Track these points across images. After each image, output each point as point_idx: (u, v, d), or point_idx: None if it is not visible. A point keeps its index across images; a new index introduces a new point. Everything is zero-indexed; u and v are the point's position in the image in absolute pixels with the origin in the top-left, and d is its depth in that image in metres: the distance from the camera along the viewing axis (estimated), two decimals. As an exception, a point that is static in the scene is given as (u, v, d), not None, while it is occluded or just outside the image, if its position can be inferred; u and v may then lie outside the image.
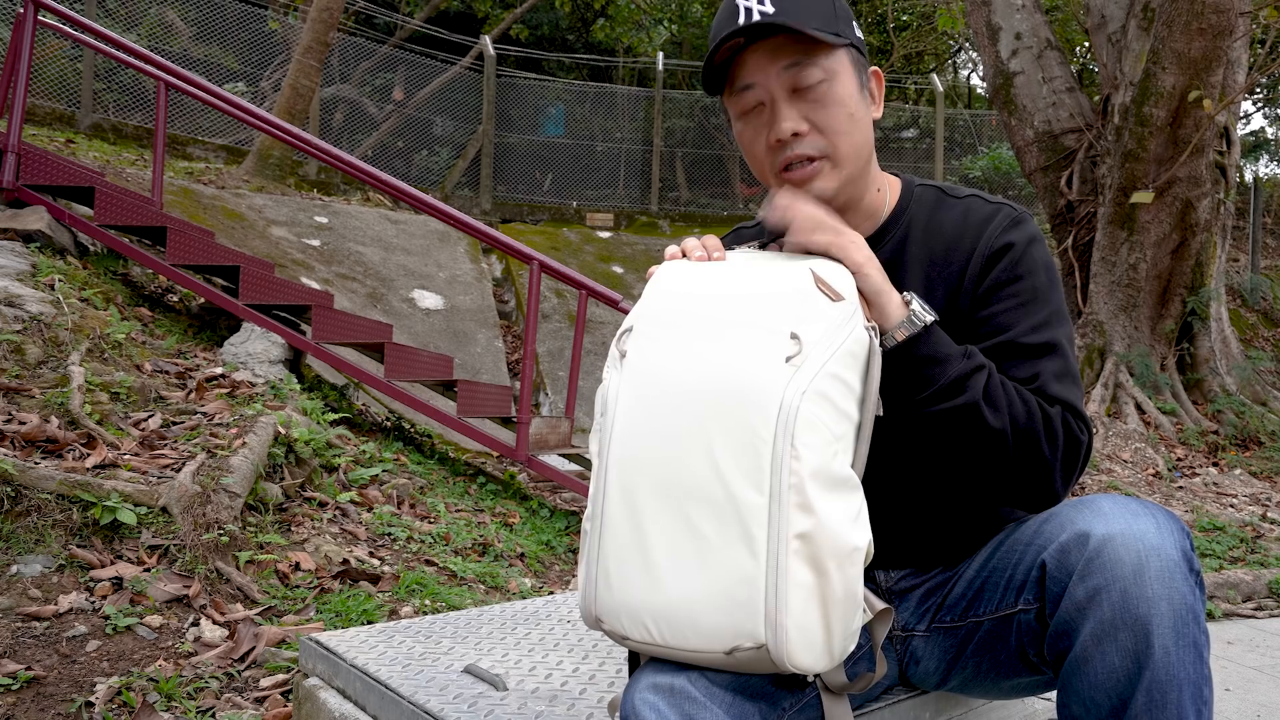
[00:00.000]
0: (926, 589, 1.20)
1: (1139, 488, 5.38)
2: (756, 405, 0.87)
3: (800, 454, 0.85)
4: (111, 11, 9.60)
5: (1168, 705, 0.87)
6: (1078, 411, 1.07)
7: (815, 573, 0.86)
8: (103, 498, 2.47)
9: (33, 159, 4.56)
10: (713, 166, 12.77)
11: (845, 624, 0.89)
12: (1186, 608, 0.88)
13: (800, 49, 1.06)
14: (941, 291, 1.14)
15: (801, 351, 0.89)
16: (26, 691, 1.93)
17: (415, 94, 11.45)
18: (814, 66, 1.07)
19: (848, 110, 1.09)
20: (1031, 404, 1.04)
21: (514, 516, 4.14)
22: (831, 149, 1.09)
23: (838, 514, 0.87)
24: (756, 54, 1.07)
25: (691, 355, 0.92)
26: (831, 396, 0.89)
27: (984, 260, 1.12)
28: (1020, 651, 1.05)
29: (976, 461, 1.04)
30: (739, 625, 0.86)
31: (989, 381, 1.03)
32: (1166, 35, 6.11)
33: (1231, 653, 3.15)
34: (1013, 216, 1.15)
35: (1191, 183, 6.71)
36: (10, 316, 3.37)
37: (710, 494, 0.88)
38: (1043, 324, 1.10)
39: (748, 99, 1.10)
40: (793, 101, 1.08)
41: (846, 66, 1.10)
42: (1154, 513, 0.93)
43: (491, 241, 4.87)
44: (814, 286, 0.94)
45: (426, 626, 1.63)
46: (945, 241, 1.16)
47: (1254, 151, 13.59)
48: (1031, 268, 1.12)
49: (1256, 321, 9.15)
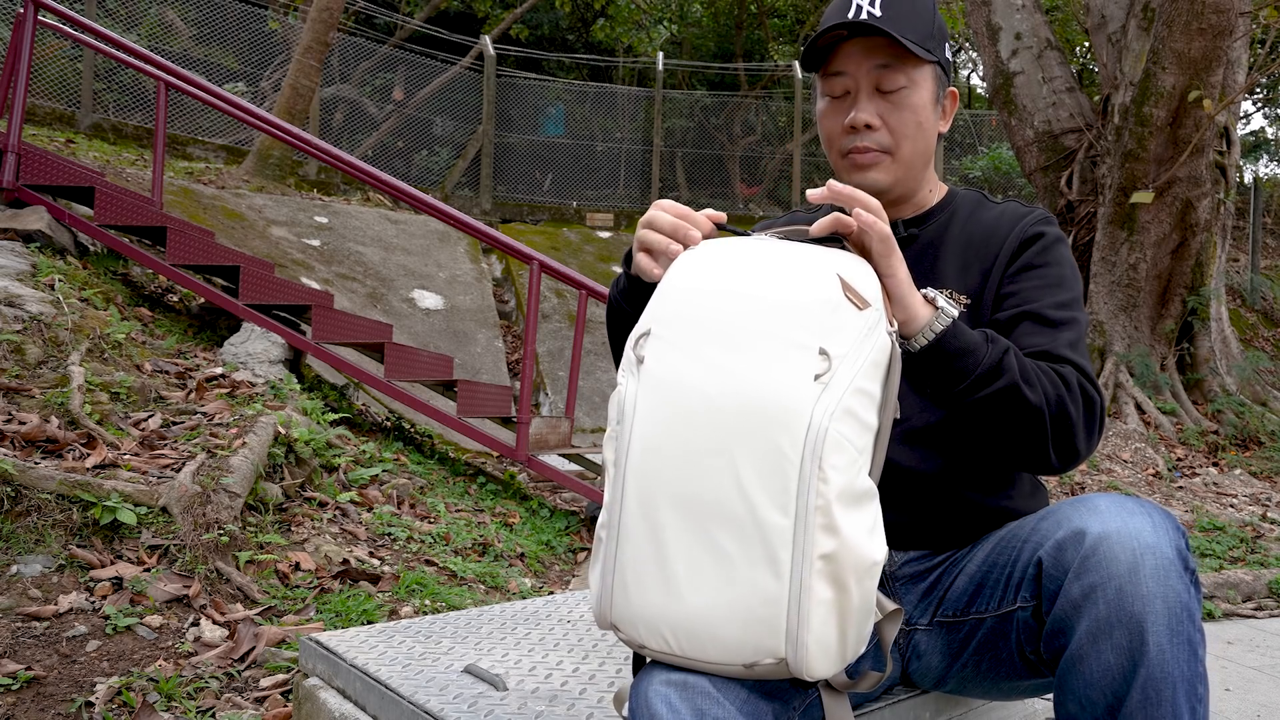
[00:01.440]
0: (930, 581, 1.21)
1: (1139, 488, 5.38)
2: (784, 426, 0.85)
3: (828, 476, 0.84)
4: (111, 11, 9.60)
5: (1163, 703, 0.87)
6: (1089, 374, 1.11)
7: (836, 589, 0.86)
8: (103, 498, 2.47)
9: (33, 159, 4.56)
10: (713, 166, 12.76)
11: (859, 631, 0.89)
12: (1181, 606, 0.89)
13: (893, 53, 1.18)
14: (978, 269, 1.24)
15: (830, 369, 0.86)
16: (26, 691, 1.93)
17: (415, 94, 11.45)
18: (900, 72, 1.19)
19: (918, 119, 1.21)
20: (1051, 372, 1.08)
21: (514, 516, 4.14)
22: (895, 147, 1.21)
23: (860, 529, 0.87)
24: (855, 47, 1.19)
25: (714, 366, 0.89)
26: (857, 412, 0.87)
27: (1018, 243, 1.23)
28: (1020, 650, 1.05)
29: (1020, 438, 1.07)
30: (760, 642, 0.86)
31: (1019, 360, 1.06)
32: (1166, 35, 6.11)
33: (1231, 653, 3.15)
34: (1045, 215, 1.27)
35: (1191, 183, 6.71)
36: (10, 316, 3.37)
37: (733, 513, 0.86)
38: (1064, 304, 1.18)
39: (837, 84, 1.22)
40: (874, 97, 1.20)
41: (928, 79, 1.22)
42: (1150, 511, 0.94)
43: (491, 241, 4.87)
44: (842, 294, 0.90)
45: (426, 626, 1.63)
46: (984, 229, 1.26)
47: (1254, 151, 13.59)
48: (1059, 259, 1.22)
49: (1256, 321, 9.15)
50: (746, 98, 13.06)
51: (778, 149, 12.78)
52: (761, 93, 13.27)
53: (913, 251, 1.27)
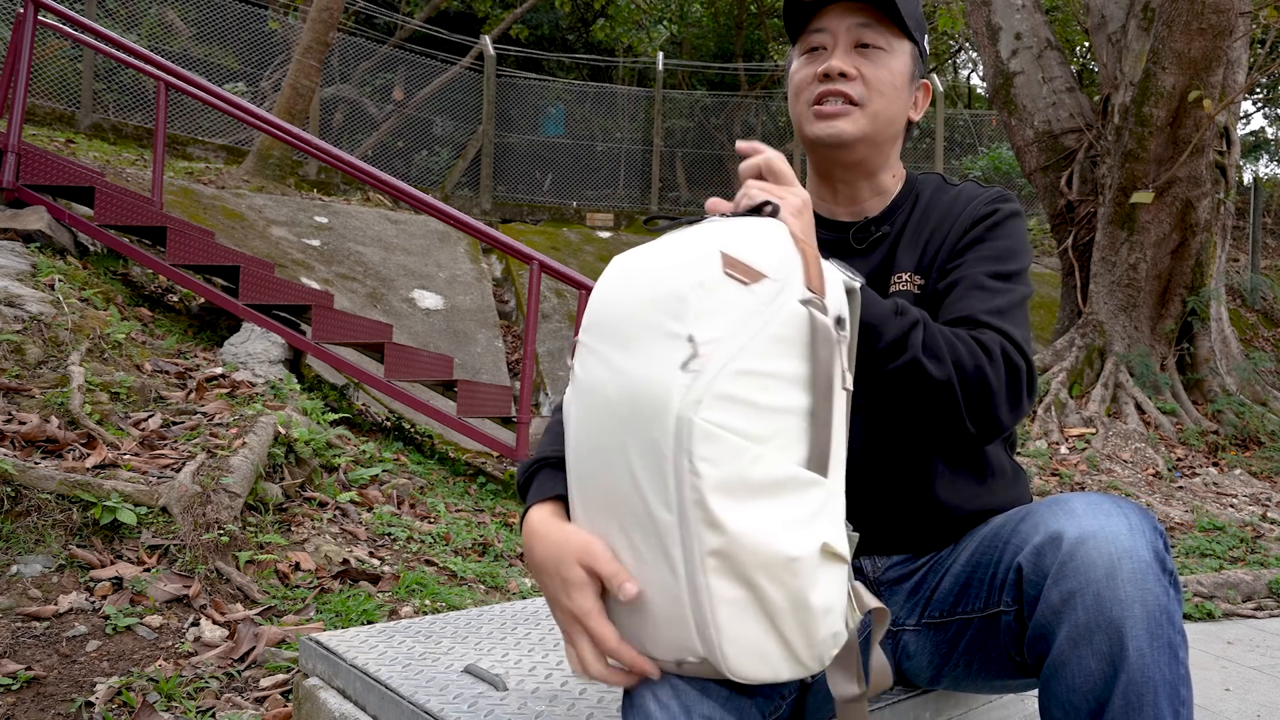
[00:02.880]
0: (914, 582, 1.20)
1: (1139, 488, 5.39)
2: (657, 420, 0.81)
3: (699, 469, 0.79)
4: (111, 11, 9.60)
5: (1144, 707, 0.87)
6: (1015, 341, 1.06)
7: (745, 587, 0.81)
8: (103, 498, 2.47)
9: (33, 159, 4.56)
10: (713, 166, 12.77)
11: (807, 631, 0.83)
12: (1160, 609, 0.88)
13: (876, 16, 1.19)
14: (931, 251, 1.22)
15: (697, 355, 0.81)
16: (26, 691, 1.93)
17: (415, 94, 11.45)
18: (880, 35, 1.19)
19: (894, 82, 1.20)
20: (969, 340, 1.04)
21: (514, 516, 4.14)
22: (867, 100, 1.19)
23: (763, 522, 0.81)
24: (838, 7, 1.20)
25: (612, 366, 0.87)
26: (743, 396, 0.81)
27: (970, 222, 1.21)
28: (1004, 651, 1.05)
29: (930, 411, 1.03)
30: (680, 640, 0.84)
31: (926, 333, 1.02)
32: (1166, 35, 6.11)
33: (1231, 653, 3.15)
34: (1001, 194, 1.24)
35: (1191, 183, 6.71)
36: (10, 316, 3.37)
37: (636, 510, 0.84)
38: (1003, 275, 1.15)
39: (814, 39, 1.22)
40: (850, 52, 1.20)
41: (906, 55, 1.22)
42: (1126, 512, 0.93)
43: (491, 241, 4.88)
44: (721, 273, 0.83)
45: (426, 626, 1.63)
46: (940, 211, 1.25)
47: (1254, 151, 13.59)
48: (1008, 233, 1.19)
49: (1256, 321, 9.15)
50: (746, 98, 13.07)
51: (778, 149, 12.76)
52: (761, 93, 13.27)
53: (882, 248, 1.26)
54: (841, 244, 1.27)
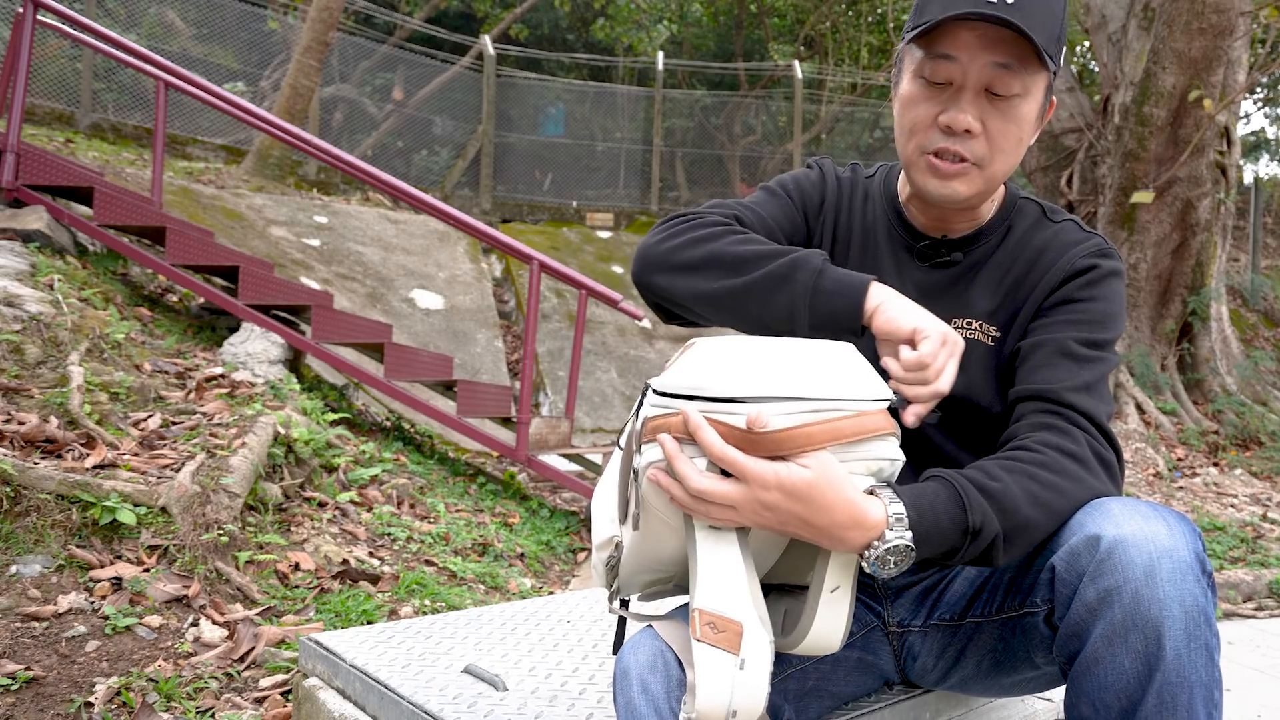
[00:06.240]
0: (924, 586, 1.20)
1: (1139, 488, 5.38)
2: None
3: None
4: (111, 11, 9.60)
5: (1178, 708, 0.86)
6: (1102, 429, 1.02)
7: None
8: (102, 498, 2.47)
9: (32, 159, 4.55)
10: (713, 166, 12.76)
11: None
12: (1199, 610, 0.87)
13: (1016, 54, 1.04)
14: (1014, 299, 1.14)
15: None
16: (26, 691, 1.93)
17: (415, 94, 11.44)
18: (1017, 78, 1.05)
19: (1020, 133, 1.09)
20: (1057, 480, 0.97)
21: (514, 516, 4.14)
22: (988, 161, 1.08)
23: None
24: (975, 33, 1.04)
25: None
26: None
27: (1062, 277, 1.12)
28: (1023, 652, 1.04)
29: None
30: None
31: (1006, 542, 0.94)
32: (1167, 35, 6.11)
33: (1232, 653, 3.15)
34: (1102, 248, 1.15)
35: (1192, 183, 6.71)
36: (10, 316, 3.36)
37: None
38: (1094, 343, 1.08)
39: (941, 69, 1.07)
40: (980, 97, 1.06)
41: (1040, 90, 1.09)
42: (1165, 516, 0.92)
43: (491, 241, 4.87)
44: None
45: (426, 627, 1.63)
46: (1031, 254, 1.15)
47: (1254, 151, 13.59)
48: (1106, 294, 1.11)
49: (1257, 321, 9.14)
50: (746, 97, 13.06)
51: (778, 149, 12.77)
52: (761, 93, 13.26)
53: (949, 275, 1.18)
54: (905, 252, 1.20)
